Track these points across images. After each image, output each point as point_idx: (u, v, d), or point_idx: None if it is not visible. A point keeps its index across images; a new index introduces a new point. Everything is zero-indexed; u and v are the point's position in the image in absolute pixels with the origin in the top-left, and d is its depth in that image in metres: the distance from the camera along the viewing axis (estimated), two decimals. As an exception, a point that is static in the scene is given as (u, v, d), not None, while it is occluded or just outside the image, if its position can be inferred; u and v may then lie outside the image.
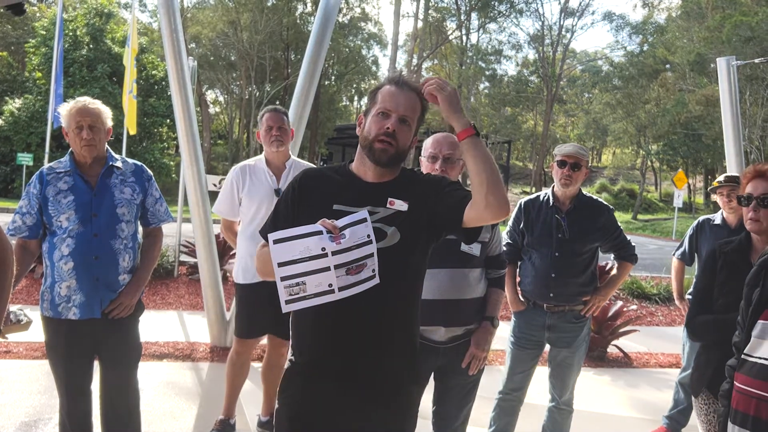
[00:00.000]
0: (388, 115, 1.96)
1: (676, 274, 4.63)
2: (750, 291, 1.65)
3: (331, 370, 1.95)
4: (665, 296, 9.14)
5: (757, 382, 1.44)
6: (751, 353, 1.50)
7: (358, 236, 1.80)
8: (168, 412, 4.29)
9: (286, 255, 1.78)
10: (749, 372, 1.47)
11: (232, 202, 3.87)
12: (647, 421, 4.69)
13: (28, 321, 2.76)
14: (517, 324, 3.60)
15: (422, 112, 2.04)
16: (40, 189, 2.95)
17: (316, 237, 1.78)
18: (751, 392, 1.44)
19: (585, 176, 3.48)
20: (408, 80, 2.02)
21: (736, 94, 7.08)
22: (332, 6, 5.67)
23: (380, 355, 1.96)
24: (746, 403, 1.45)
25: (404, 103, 1.97)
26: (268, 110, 3.87)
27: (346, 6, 37.36)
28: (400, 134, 1.96)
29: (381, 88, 2.02)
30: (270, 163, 3.87)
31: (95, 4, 26.74)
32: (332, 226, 1.79)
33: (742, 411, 1.46)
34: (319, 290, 1.79)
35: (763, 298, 1.54)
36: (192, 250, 8.18)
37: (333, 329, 1.93)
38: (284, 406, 2.04)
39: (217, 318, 5.82)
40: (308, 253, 1.77)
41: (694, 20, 30.75)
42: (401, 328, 2.00)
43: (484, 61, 38.84)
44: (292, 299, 1.80)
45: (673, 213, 28.80)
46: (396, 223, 1.94)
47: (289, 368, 2.05)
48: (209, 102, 40.09)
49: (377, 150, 1.95)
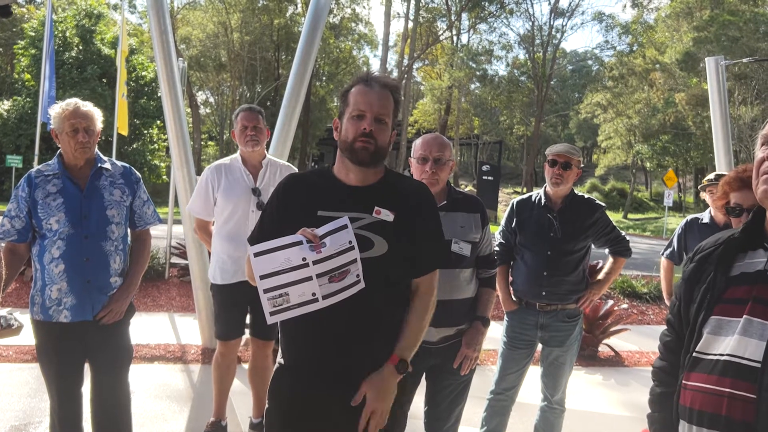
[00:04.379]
0: (363, 116, 1.96)
1: (665, 274, 4.65)
2: (689, 287, 1.62)
3: (319, 372, 1.95)
4: (656, 295, 9.18)
5: (725, 380, 1.41)
6: (706, 351, 1.49)
7: (339, 243, 1.80)
8: (159, 415, 4.27)
9: (267, 267, 1.78)
10: (711, 370, 1.45)
11: (206, 201, 3.82)
12: (638, 420, 4.71)
13: (19, 325, 2.75)
14: (509, 324, 3.61)
15: (396, 106, 2.04)
16: (28, 192, 2.93)
17: (296, 247, 1.78)
18: (721, 391, 1.42)
19: (576, 176, 3.50)
20: (377, 77, 2.02)
21: (724, 93, 7.13)
22: (322, 7, 5.67)
23: (368, 359, 1.96)
24: (715, 403, 1.43)
25: (377, 101, 1.97)
26: (243, 109, 3.85)
27: (336, 6, 37.35)
28: (377, 133, 1.96)
29: (351, 89, 2.01)
30: (246, 161, 3.84)
31: (84, 5, 26.60)
32: (312, 235, 1.79)
33: (710, 411, 1.44)
34: (302, 300, 1.80)
35: (715, 293, 1.53)
36: (183, 252, 8.16)
37: (321, 333, 1.93)
38: (274, 408, 2.04)
39: (209, 320, 5.80)
40: (289, 264, 1.78)
41: (683, 20, 30.91)
42: (389, 332, 2.00)
43: (475, 61, 38.86)
44: (276, 310, 1.81)
45: (664, 212, 28.96)
46: (383, 232, 1.94)
47: (278, 370, 2.06)
48: (199, 103, 39.98)
49: (358, 150, 1.95)
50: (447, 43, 41.80)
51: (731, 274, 1.54)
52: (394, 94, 2.02)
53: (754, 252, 1.53)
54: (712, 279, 1.55)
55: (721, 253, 1.58)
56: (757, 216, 1.54)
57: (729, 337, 1.45)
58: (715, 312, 1.51)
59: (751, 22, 26.75)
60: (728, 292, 1.51)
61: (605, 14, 46.17)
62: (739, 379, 1.40)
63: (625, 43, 40.64)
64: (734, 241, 1.57)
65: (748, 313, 1.44)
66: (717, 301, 1.51)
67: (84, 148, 2.95)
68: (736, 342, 1.43)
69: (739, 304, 1.47)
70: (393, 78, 2.10)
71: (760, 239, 1.53)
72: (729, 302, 1.50)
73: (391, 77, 2.05)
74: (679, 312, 1.67)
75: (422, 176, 2.80)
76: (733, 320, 1.46)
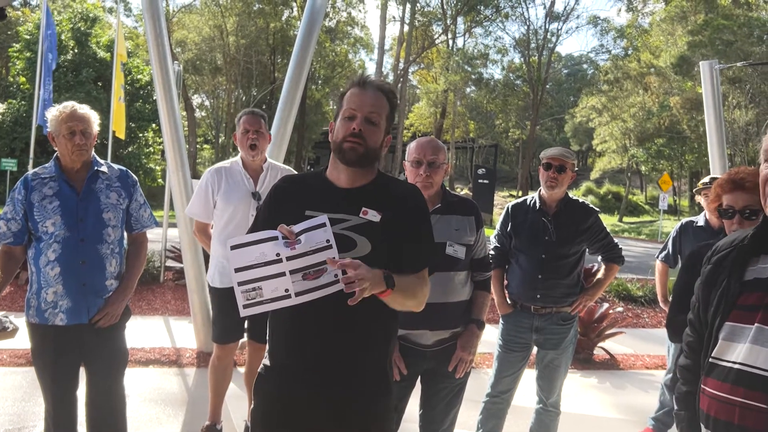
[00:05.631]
0: (353, 117, 1.97)
1: (660, 277, 4.67)
2: (707, 290, 1.63)
3: (303, 375, 1.96)
4: (651, 298, 9.19)
5: (738, 389, 1.42)
6: (721, 356, 1.49)
7: (315, 241, 1.80)
8: (154, 418, 4.26)
9: (242, 260, 1.80)
10: (725, 378, 1.46)
11: (206, 204, 3.81)
12: (633, 423, 4.72)
13: (14, 328, 2.74)
14: (504, 327, 3.62)
15: (391, 110, 2.04)
16: (25, 195, 2.92)
17: (271, 242, 1.80)
18: (733, 400, 1.43)
19: (571, 179, 3.51)
20: (373, 80, 2.03)
21: (719, 96, 7.16)
22: (318, 10, 5.68)
23: (353, 361, 1.96)
24: (728, 411, 1.44)
25: (369, 102, 1.97)
26: (245, 113, 3.84)
27: (332, 10, 37.39)
28: (367, 134, 1.96)
29: (347, 93, 2.03)
30: (247, 165, 3.83)
31: (80, 8, 26.57)
32: (288, 232, 1.80)
33: (724, 420, 1.45)
34: (275, 295, 1.80)
35: (729, 299, 1.54)
36: (178, 256, 8.15)
37: (306, 336, 1.94)
38: (258, 408, 2.05)
39: (204, 323, 5.79)
40: (263, 259, 1.79)
41: (677, 24, 31.03)
42: (375, 336, 2.00)
43: (471, 65, 38.95)
44: (249, 303, 1.81)
45: (659, 215, 29.03)
46: (367, 233, 1.93)
47: (263, 370, 2.06)
48: (195, 106, 39.93)
49: (346, 150, 1.96)
50: (443, 46, 41.89)
51: (745, 278, 1.54)
52: (389, 97, 2.03)
53: (767, 256, 1.53)
54: (726, 285, 1.56)
55: (733, 259, 1.59)
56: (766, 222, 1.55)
57: (742, 344, 1.46)
58: (730, 318, 1.51)
59: (745, 26, 26.89)
60: (742, 298, 1.52)
61: (600, 18, 46.42)
62: (751, 389, 1.40)
63: (620, 47, 40.85)
64: (744, 247, 1.58)
65: (759, 321, 1.44)
66: (731, 307, 1.52)
67: (81, 151, 2.95)
68: (748, 350, 1.44)
69: (752, 311, 1.47)
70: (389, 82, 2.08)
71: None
72: (742, 309, 1.50)
73: (387, 81, 2.04)
74: (698, 313, 1.68)
75: (416, 179, 2.80)
76: (746, 327, 1.47)
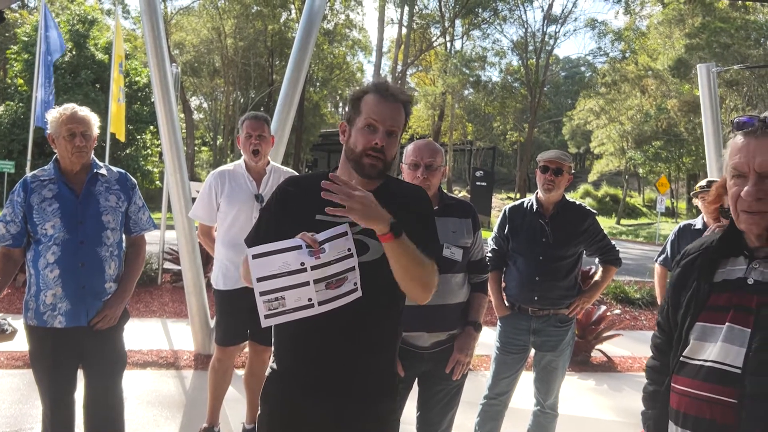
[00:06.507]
0: (375, 129, 1.91)
1: (659, 280, 4.68)
2: (677, 293, 1.66)
3: (310, 379, 1.94)
4: (649, 300, 9.20)
5: (708, 385, 1.47)
6: (693, 356, 1.53)
7: (339, 250, 1.78)
8: (152, 421, 4.26)
9: (264, 270, 1.76)
10: (696, 375, 1.50)
11: (210, 206, 3.82)
12: (631, 425, 4.72)
13: (12, 330, 2.74)
14: (502, 329, 3.63)
15: (405, 119, 2.00)
16: (24, 197, 2.93)
17: (295, 252, 1.76)
18: (704, 396, 1.47)
19: (568, 181, 3.52)
20: (393, 89, 1.97)
21: (716, 99, 7.18)
22: (316, 12, 5.69)
23: (360, 366, 1.95)
24: (698, 407, 1.48)
25: (391, 115, 1.92)
26: (249, 117, 3.83)
27: (330, 12, 37.44)
28: (387, 147, 1.93)
29: (364, 96, 1.95)
30: (250, 168, 3.84)
31: (78, 10, 26.56)
32: (312, 240, 1.76)
33: (694, 415, 1.49)
34: (298, 305, 1.78)
35: (699, 300, 1.57)
36: (175, 258, 8.15)
37: (313, 340, 1.92)
38: (265, 413, 2.04)
39: (201, 325, 5.79)
40: (287, 268, 1.75)
41: (675, 27, 31.12)
42: (382, 339, 2.00)
43: (469, 67, 39.00)
44: (272, 314, 1.78)
45: (656, 218, 29.07)
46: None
47: (270, 375, 2.05)
48: (193, 108, 39.94)
49: (366, 165, 1.92)
50: (440, 49, 41.96)
51: (714, 280, 1.57)
52: (406, 107, 1.99)
53: (735, 259, 1.56)
54: (696, 287, 1.59)
55: (701, 262, 1.62)
56: (734, 224, 1.57)
57: (713, 343, 1.50)
58: (700, 319, 1.55)
59: (742, 29, 26.99)
60: (711, 299, 1.55)
61: (598, 21, 46.34)
62: (721, 385, 1.45)
63: (617, 50, 40.85)
64: (713, 250, 1.61)
65: (730, 321, 1.48)
66: (701, 309, 1.55)
67: (80, 153, 2.96)
68: (719, 348, 1.47)
69: (722, 312, 1.51)
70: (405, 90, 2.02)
71: (739, 247, 1.56)
72: (712, 309, 1.54)
73: (403, 89, 2.01)
74: (668, 315, 1.71)
75: (414, 182, 2.80)
76: (716, 327, 1.51)
